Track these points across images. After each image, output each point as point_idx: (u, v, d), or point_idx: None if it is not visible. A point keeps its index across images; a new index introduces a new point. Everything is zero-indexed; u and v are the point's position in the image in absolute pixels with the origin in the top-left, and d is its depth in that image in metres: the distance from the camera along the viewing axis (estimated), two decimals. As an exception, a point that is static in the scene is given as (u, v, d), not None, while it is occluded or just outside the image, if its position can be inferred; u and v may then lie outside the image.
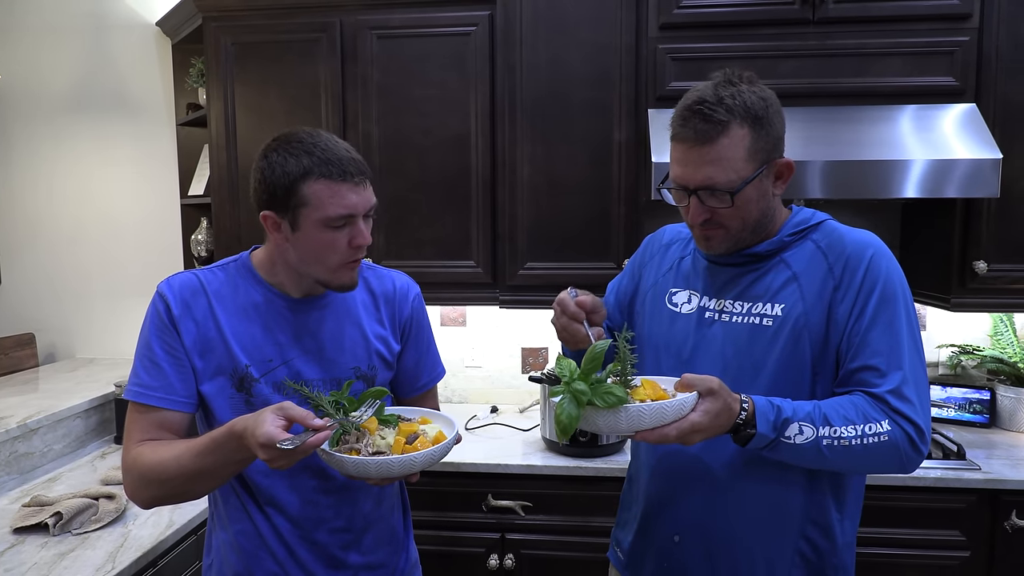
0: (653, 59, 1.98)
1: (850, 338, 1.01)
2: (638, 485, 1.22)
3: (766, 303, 1.06)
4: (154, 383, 1.06)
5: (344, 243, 1.05)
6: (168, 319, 1.07)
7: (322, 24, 2.12)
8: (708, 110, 1.00)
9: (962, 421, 2.19)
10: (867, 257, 1.03)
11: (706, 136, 1.01)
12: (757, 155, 1.02)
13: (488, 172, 2.10)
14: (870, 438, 0.95)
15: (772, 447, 0.97)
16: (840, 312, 1.02)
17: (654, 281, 1.22)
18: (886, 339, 0.99)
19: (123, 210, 2.65)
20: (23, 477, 1.83)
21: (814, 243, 1.08)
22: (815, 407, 0.97)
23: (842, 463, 0.98)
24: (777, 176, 1.06)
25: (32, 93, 2.64)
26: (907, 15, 1.89)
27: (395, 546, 1.25)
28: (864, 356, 1.00)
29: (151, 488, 1.04)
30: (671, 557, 1.14)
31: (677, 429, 0.91)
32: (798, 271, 1.06)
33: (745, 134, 1.01)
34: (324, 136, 1.05)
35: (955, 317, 2.29)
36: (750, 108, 1.01)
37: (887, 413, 0.97)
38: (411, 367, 1.24)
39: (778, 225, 1.10)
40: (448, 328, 2.49)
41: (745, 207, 1.04)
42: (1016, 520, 1.75)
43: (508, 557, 1.90)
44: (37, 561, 1.38)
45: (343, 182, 1.03)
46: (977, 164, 1.74)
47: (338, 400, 1.02)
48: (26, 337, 2.60)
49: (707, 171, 1.01)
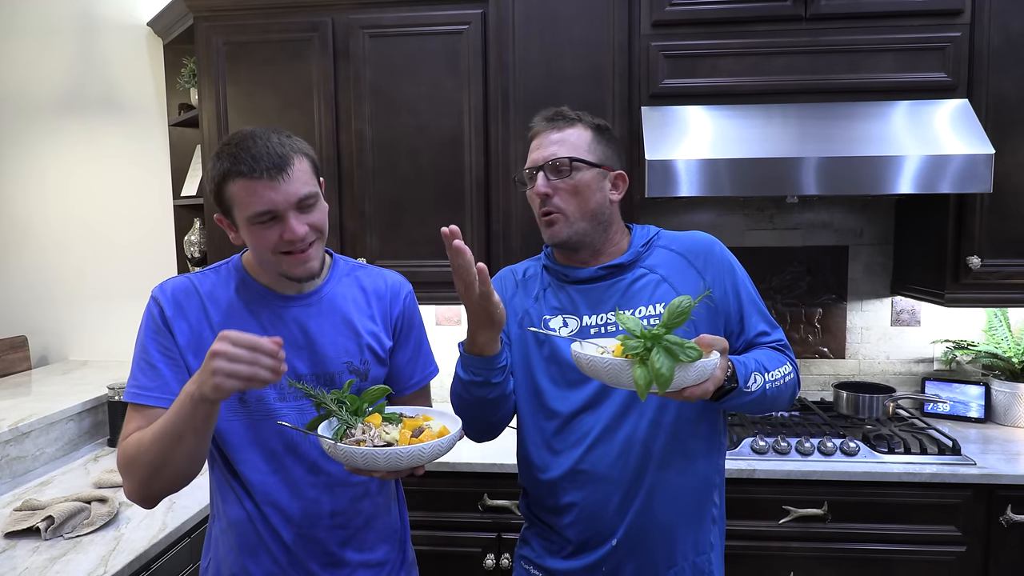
0: (646, 56, 1.98)
1: (734, 316, 1.20)
2: (557, 502, 1.20)
3: (647, 305, 1.18)
4: (150, 384, 1.07)
5: (275, 238, 1.05)
6: (162, 321, 1.09)
7: (314, 23, 2.12)
8: (560, 111, 1.24)
9: (957, 416, 2.19)
10: (715, 249, 1.23)
11: (556, 124, 1.22)
12: (597, 153, 1.21)
13: (482, 171, 2.09)
14: (787, 377, 1.16)
15: (737, 397, 1.08)
16: (717, 298, 1.20)
17: (525, 310, 1.25)
18: (755, 308, 1.22)
19: (116, 211, 2.64)
20: (15, 481, 1.82)
21: (666, 248, 1.24)
22: (753, 360, 1.12)
23: (772, 403, 1.15)
24: (614, 185, 1.23)
25: (23, 94, 2.63)
26: (899, 11, 1.90)
27: (392, 544, 1.25)
28: (753, 326, 1.21)
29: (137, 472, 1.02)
30: (610, 561, 1.18)
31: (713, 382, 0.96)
32: (665, 273, 1.21)
33: (589, 135, 1.21)
34: (255, 134, 1.05)
35: (949, 312, 2.30)
36: (593, 121, 1.24)
37: (787, 357, 1.19)
38: (404, 364, 1.24)
39: (627, 242, 1.26)
40: (443, 328, 2.48)
41: (583, 192, 1.18)
42: (1011, 515, 1.75)
43: (504, 557, 1.90)
44: (29, 566, 1.37)
45: (257, 179, 1.02)
46: (970, 159, 1.74)
47: (340, 398, 1.02)
48: (19, 340, 2.58)
49: (553, 148, 1.19)
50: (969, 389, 2.20)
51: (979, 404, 2.18)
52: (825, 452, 1.86)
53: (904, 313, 2.34)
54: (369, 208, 2.14)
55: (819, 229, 2.34)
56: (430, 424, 1.05)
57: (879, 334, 2.35)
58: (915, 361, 2.34)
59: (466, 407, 1.19)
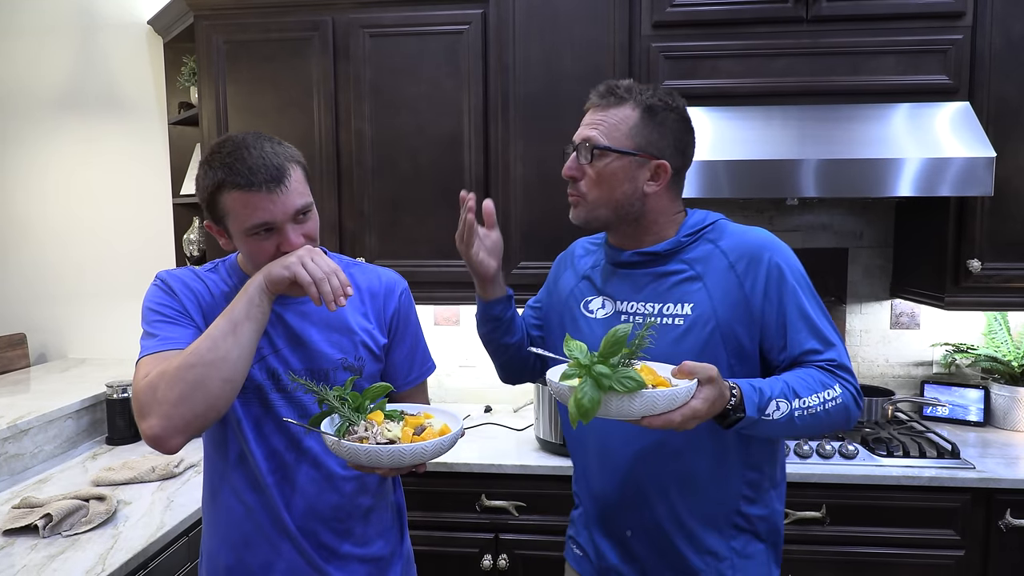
0: (646, 57, 1.98)
1: (774, 329, 1.09)
2: (585, 486, 1.25)
3: (676, 303, 1.12)
4: (164, 334, 1.04)
5: (271, 250, 1.05)
6: (168, 289, 1.11)
7: (314, 22, 2.11)
8: (614, 86, 1.14)
9: (956, 420, 2.19)
10: (763, 254, 1.10)
11: (605, 101, 1.14)
12: (640, 138, 1.11)
13: (481, 171, 2.09)
14: (829, 403, 1.04)
15: (753, 426, 1.01)
16: (754, 309, 1.09)
17: (570, 291, 1.27)
18: (805, 323, 1.09)
19: (115, 209, 2.64)
20: (13, 478, 1.82)
21: (712, 243, 1.14)
22: (784, 383, 1.03)
23: (807, 429, 1.05)
24: (654, 175, 1.13)
25: (23, 92, 2.63)
26: (900, 13, 1.89)
27: (389, 539, 1.26)
28: (798, 343, 1.09)
29: (171, 392, 0.94)
30: (625, 549, 1.19)
31: (682, 415, 0.92)
32: (701, 271, 1.12)
33: (636, 116, 1.12)
34: (247, 143, 1.03)
35: (949, 316, 2.29)
36: (648, 100, 1.12)
37: (836, 379, 1.07)
38: (400, 361, 1.25)
39: (674, 228, 1.17)
40: (442, 328, 2.48)
41: (608, 181, 1.12)
42: (1010, 519, 1.75)
43: (502, 557, 1.89)
44: (27, 563, 1.37)
45: (256, 192, 1.01)
46: (971, 162, 1.74)
47: (342, 395, 1.03)
48: (17, 337, 2.58)
49: (590, 131, 1.13)
50: (968, 393, 2.19)
51: (978, 408, 2.17)
52: (823, 455, 1.86)
53: (903, 316, 2.33)
54: (368, 207, 2.13)
55: (819, 231, 2.34)
56: (431, 422, 1.06)
57: (878, 337, 2.34)
58: (914, 364, 2.34)
59: (485, 345, 1.32)
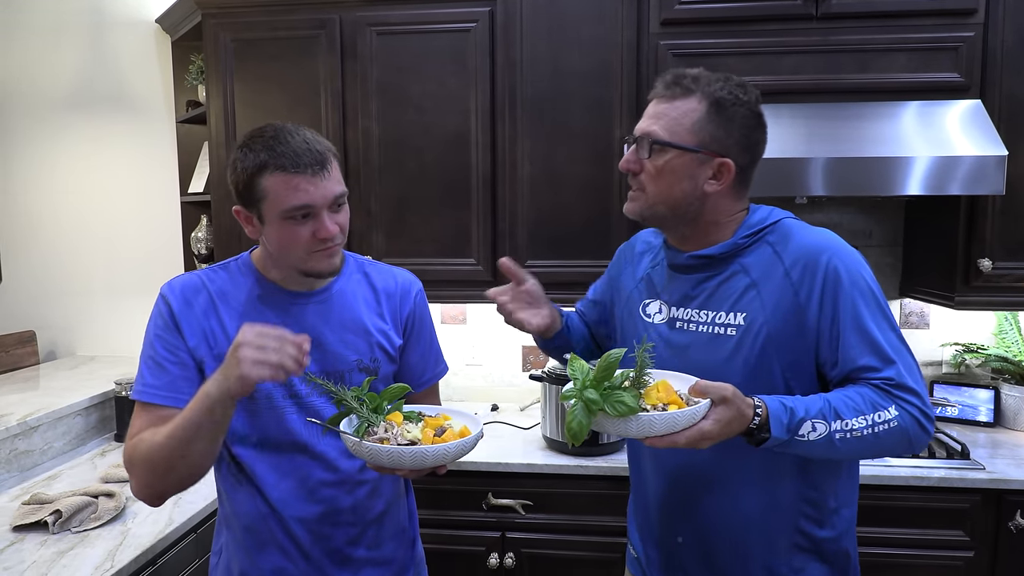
0: (654, 55, 1.97)
1: (826, 342, 1.02)
2: (642, 488, 1.24)
3: (728, 312, 1.07)
4: (157, 382, 1.07)
5: (307, 235, 1.05)
6: (170, 319, 1.09)
7: (321, 21, 2.11)
8: (681, 75, 1.07)
9: (966, 420, 2.17)
10: (824, 259, 1.03)
11: (670, 92, 1.07)
12: (702, 135, 1.04)
13: (488, 169, 2.09)
14: (880, 426, 0.96)
15: (786, 446, 0.97)
16: (809, 319, 1.02)
17: (630, 292, 1.24)
18: (862, 337, 1.00)
19: (123, 207, 2.65)
20: (23, 475, 1.83)
21: (771, 246, 1.07)
22: (825, 402, 0.97)
23: (854, 452, 0.99)
24: (715, 174, 1.06)
25: (32, 90, 2.64)
26: (911, 10, 1.88)
27: (401, 542, 1.25)
28: (852, 358, 1.00)
29: (147, 470, 1.02)
30: (676, 557, 1.16)
31: (686, 437, 0.91)
32: (756, 278, 1.06)
33: (702, 110, 1.05)
34: (288, 129, 1.05)
35: (959, 315, 2.27)
36: (717, 93, 1.05)
37: (893, 399, 0.98)
38: (414, 363, 1.24)
39: (733, 228, 1.10)
40: (449, 326, 2.48)
41: (666, 177, 1.06)
42: (1020, 520, 1.73)
43: (508, 556, 1.89)
44: (36, 559, 1.38)
45: (298, 174, 1.01)
46: (982, 161, 1.72)
47: (359, 395, 1.02)
48: (27, 335, 2.60)
49: (651, 123, 1.07)
50: (978, 393, 2.17)
51: (988, 408, 2.15)
52: (832, 455, 1.85)
53: (913, 315, 2.32)
54: (375, 206, 2.13)
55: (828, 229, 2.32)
56: (451, 424, 1.05)
57: (888, 336, 2.33)
58: (924, 364, 2.32)
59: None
